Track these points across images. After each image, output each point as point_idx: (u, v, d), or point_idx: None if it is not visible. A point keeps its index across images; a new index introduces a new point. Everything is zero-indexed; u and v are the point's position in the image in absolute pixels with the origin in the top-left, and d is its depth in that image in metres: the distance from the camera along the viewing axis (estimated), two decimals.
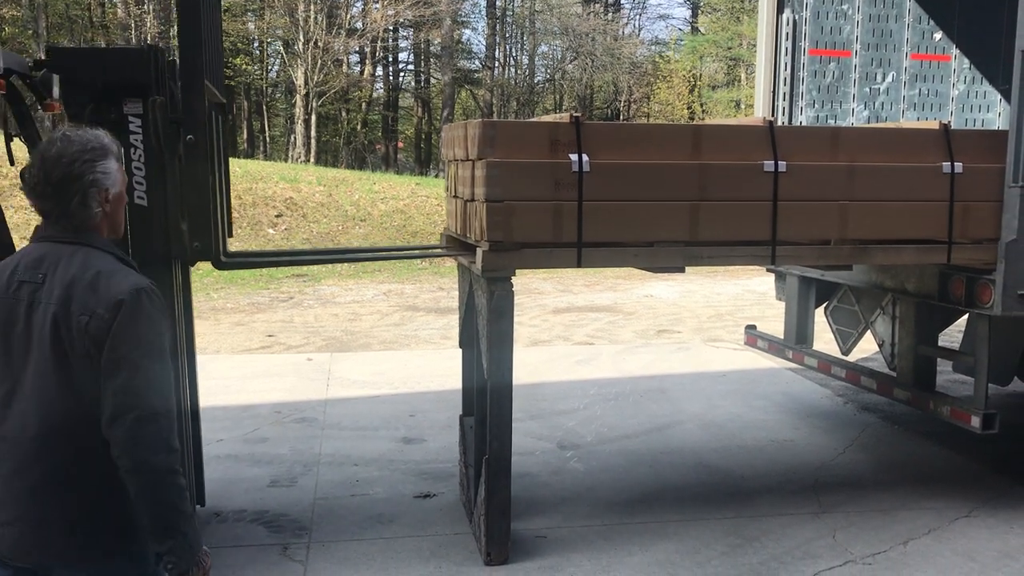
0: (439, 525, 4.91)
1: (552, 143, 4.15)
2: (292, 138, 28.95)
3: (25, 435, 2.19)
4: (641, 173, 4.27)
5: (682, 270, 4.56)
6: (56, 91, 4.26)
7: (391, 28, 32.49)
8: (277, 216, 16.67)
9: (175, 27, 29.82)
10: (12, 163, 4.20)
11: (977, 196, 4.72)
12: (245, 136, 32.84)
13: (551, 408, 7.19)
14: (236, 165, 18.33)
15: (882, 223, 4.63)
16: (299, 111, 27.54)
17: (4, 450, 2.22)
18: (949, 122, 5.01)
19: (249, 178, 17.80)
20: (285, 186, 17.97)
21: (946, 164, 4.67)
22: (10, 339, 2.22)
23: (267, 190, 17.56)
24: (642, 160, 4.30)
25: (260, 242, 15.53)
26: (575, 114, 4.30)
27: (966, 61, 7.07)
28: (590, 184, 4.18)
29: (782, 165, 4.43)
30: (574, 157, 4.15)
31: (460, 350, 5.30)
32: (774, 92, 6.78)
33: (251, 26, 31.22)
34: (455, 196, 4.75)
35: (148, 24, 28.20)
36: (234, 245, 12.95)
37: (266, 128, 33.16)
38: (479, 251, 4.17)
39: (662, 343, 9.92)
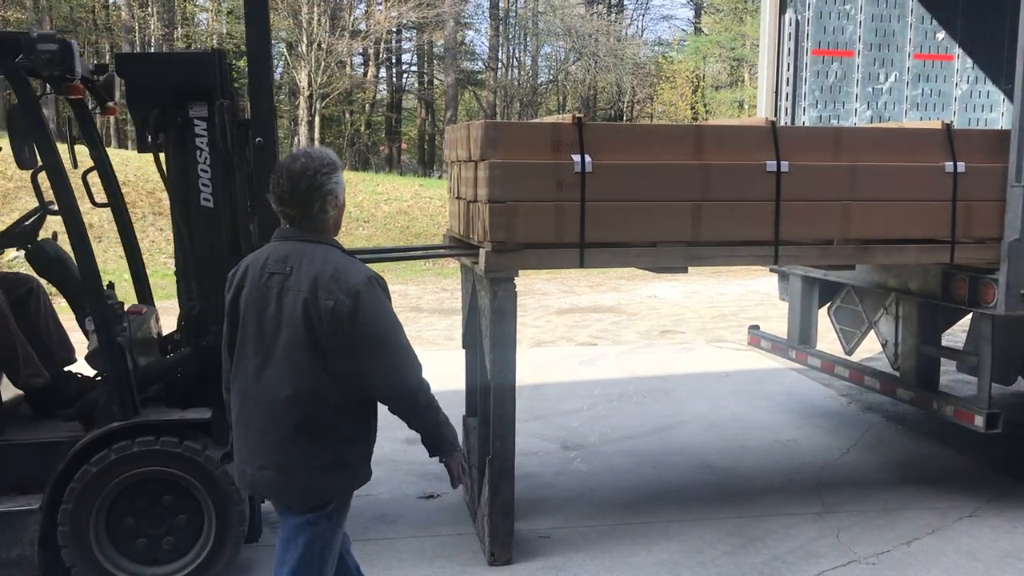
0: (443, 525, 4.92)
1: (554, 144, 4.16)
2: (296, 140, 28.97)
3: (278, 396, 2.72)
4: (643, 173, 4.28)
5: (685, 270, 4.56)
6: (116, 94, 4.34)
7: (394, 30, 32.50)
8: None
9: (179, 29, 29.72)
10: (75, 166, 4.24)
11: (980, 196, 4.72)
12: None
13: (555, 408, 7.20)
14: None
15: (885, 223, 4.63)
16: (303, 113, 27.56)
17: (260, 411, 2.76)
18: (952, 122, 5.01)
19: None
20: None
21: (948, 164, 4.67)
22: (263, 319, 2.75)
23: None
24: (644, 160, 4.30)
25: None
26: (577, 115, 4.30)
27: (969, 61, 7.06)
28: (592, 184, 4.18)
29: (784, 165, 4.43)
30: (576, 158, 4.16)
31: (463, 351, 5.31)
32: (777, 92, 6.78)
33: None
34: (458, 197, 4.76)
35: (152, 27, 28.25)
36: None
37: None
38: (482, 252, 4.18)
39: (666, 344, 9.92)
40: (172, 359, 4.35)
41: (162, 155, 4.22)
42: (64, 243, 4.13)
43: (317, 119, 28.17)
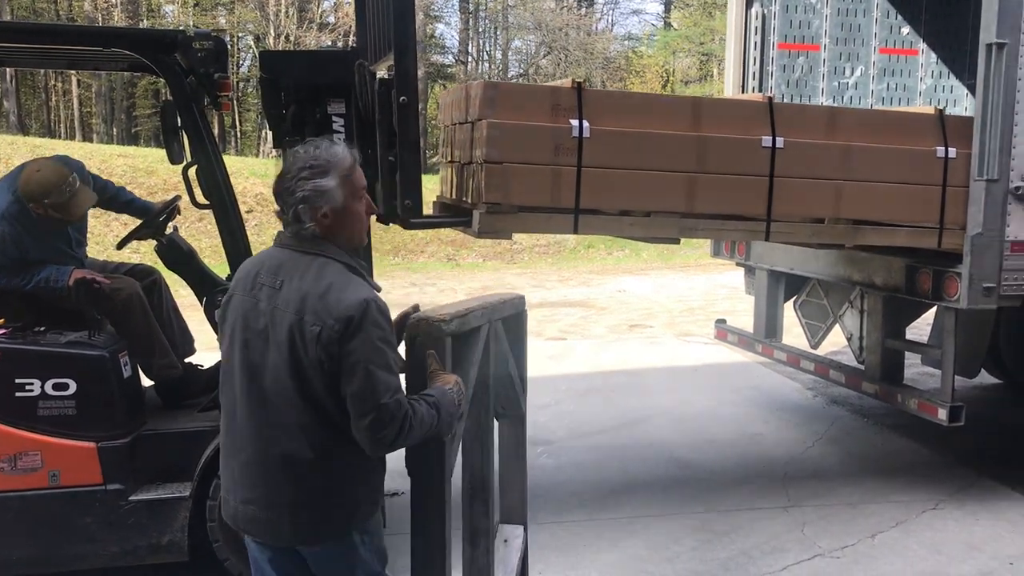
0: (406, 523, 4.85)
1: (553, 107, 4.13)
2: (264, 133, 28.69)
3: (263, 424, 2.42)
4: (641, 142, 4.25)
5: (677, 241, 4.56)
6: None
7: None
8: (248, 212, 16.51)
9: (144, 22, 29.29)
10: (180, 160, 4.17)
11: (967, 183, 4.72)
12: (216, 132, 32.49)
13: None
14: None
15: (876, 204, 4.63)
16: None
17: (244, 439, 2.46)
18: (944, 107, 4.97)
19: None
20: (256, 181, 17.79)
21: (940, 149, 4.67)
22: (249, 334, 2.44)
23: (238, 186, 17.24)
24: (642, 129, 4.28)
25: None
26: (577, 79, 4.29)
27: (933, 55, 7.10)
28: (589, 150, 4.15)
29: (780, 141, 4.41)
30: (575, 122, 4.12)
31: None
32: (743, 86, 6.77)
33: (222, 20, 30.92)
34: (451, 162, 4.70)
35: (116, 18, 27.84)
36: (205, 244, 12.84)
37: (237, 123, 32.84)
38: (476, 213, 4.13)
39: (634, 338, 9.92)
40: None
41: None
42: (186, 235, 4.13)
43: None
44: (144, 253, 11.31)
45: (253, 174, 18.29)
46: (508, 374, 3.38)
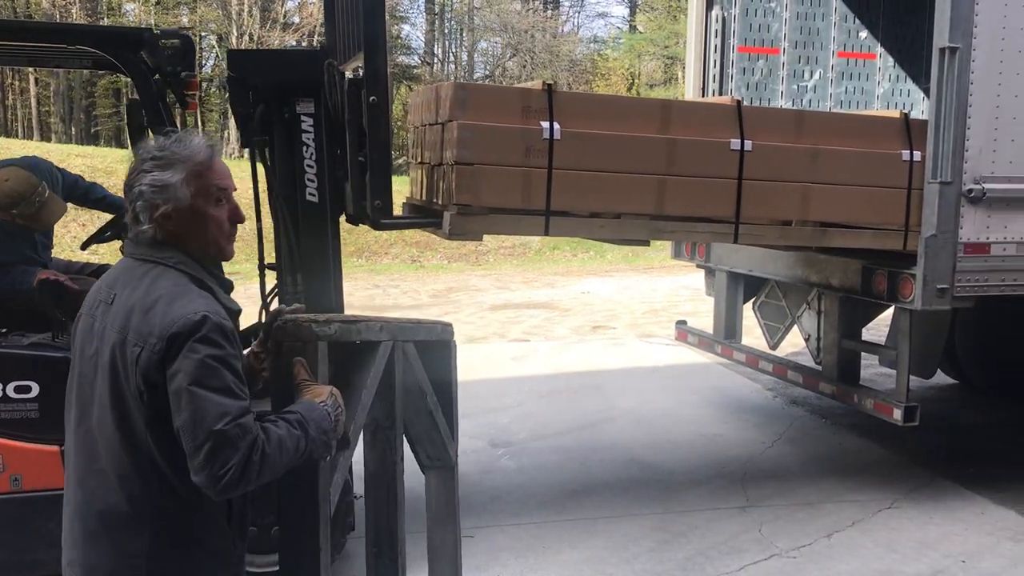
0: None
1: (524, 109, 4.13)
2: (226, 133, 28.41)
3: (89, 469, 2.04)
4: (611, 144, 4.26)
5: (647, 243, 4.58)
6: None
7: None
8: None
9: (104, 19, 28.84)
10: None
11: None
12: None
13: (484, 406, 7.13)
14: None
15: (842, 207, 4.67)
16: None
17: (70, 489, 2.09)
18: (909, 111, 5.03)
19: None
20: None
21: (905, 152, 4.72)
22: (83, 361, 2.06)
23: None
24: (612, 131, 4.29)
25: None
26: (548, 82, 4.30)
27: (890, 59, 7.19)
28: (560, 152, 4.15)
29: (748, 144, 4.45)
30: (545, 124, 4.13)
31: None
32: (704, 89, 6.80)
33: (184, 19, 30.57)
34: (421, 163, 4.69)
35: (74, 15, 27.42)
36: None
37: (200, 123, 32.46)
38: (447, 215, 4.11)
39: (597, 339, 9.94)
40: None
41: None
42: None
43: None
44: (103, 255, 11.13)
45: None
46: (427, 411, 2.83)
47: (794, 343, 6.73)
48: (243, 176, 3.74)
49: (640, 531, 4.80)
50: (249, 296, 4.79)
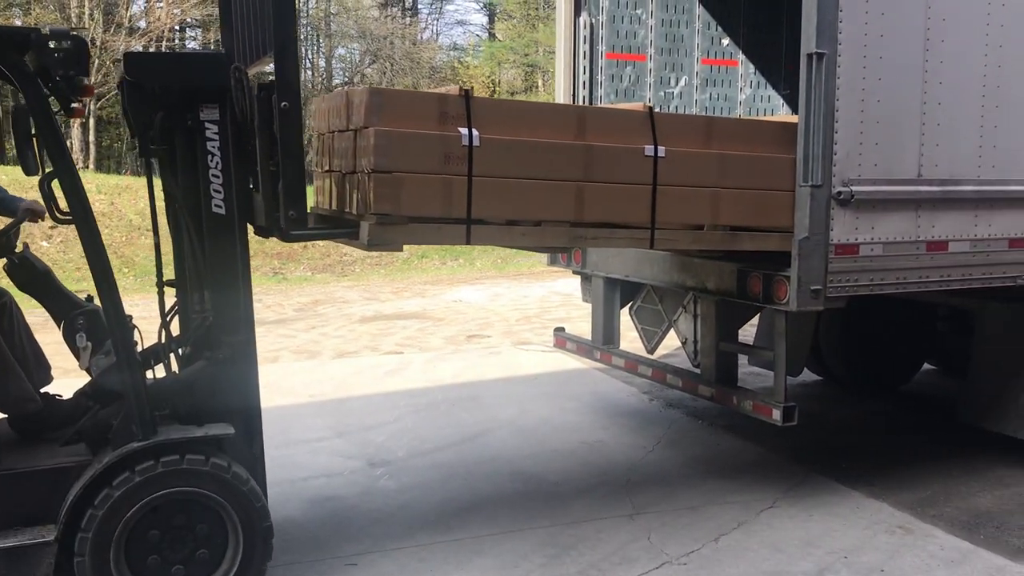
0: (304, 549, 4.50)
1: (441, 115, 4.00)
2: (68, 143, 26.80)
3: None
4: (529, 151, 4.18)
5: (568, 251, 4.51)
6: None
7: (178, 28, 30.76)
8: (52, 228, 15.29)
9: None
10: (37, 172, 3.91)
11: None
12: (14, 142, 30.02)
13: (359, 423, 6.87)
14: (3, 173, 16.73)
15: (750, 211, 4.71)
16: None
17: None
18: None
19: (18, 187, 16.22)
20: (60, 196, 16.54)
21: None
22: None
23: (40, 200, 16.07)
24: (531, 138, 4.21)
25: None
26: (465, 87, 4.19)
27: (752, 66, 7.38)
28: (480, 159, 4.03)
29: (661, 150, 4.45)
30: (464, 131, 4.00)
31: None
32: (574, 94, 6.78)
33: (17, 21, 28.66)
34: (329, 171, 4.46)
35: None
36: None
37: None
38: (364, 224, 3.91)
39: (472, 348, 9.80)
40: (187, 374, 4.06)
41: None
42: (39, 253, 3.64)
43: (92, 121, 26.16)
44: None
45: (57, 187, 16.98)
46: None
47: (668, 346, 6.78)
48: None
49: (528, 546, 4.68)
50: (146, 315, 4.46)
